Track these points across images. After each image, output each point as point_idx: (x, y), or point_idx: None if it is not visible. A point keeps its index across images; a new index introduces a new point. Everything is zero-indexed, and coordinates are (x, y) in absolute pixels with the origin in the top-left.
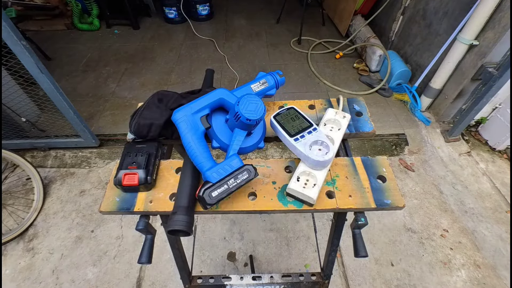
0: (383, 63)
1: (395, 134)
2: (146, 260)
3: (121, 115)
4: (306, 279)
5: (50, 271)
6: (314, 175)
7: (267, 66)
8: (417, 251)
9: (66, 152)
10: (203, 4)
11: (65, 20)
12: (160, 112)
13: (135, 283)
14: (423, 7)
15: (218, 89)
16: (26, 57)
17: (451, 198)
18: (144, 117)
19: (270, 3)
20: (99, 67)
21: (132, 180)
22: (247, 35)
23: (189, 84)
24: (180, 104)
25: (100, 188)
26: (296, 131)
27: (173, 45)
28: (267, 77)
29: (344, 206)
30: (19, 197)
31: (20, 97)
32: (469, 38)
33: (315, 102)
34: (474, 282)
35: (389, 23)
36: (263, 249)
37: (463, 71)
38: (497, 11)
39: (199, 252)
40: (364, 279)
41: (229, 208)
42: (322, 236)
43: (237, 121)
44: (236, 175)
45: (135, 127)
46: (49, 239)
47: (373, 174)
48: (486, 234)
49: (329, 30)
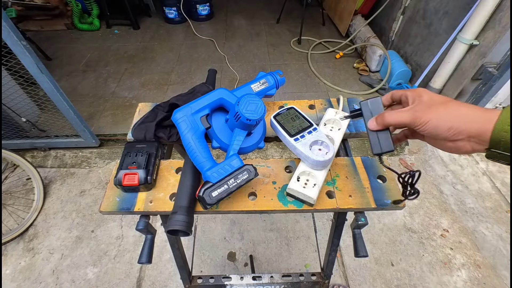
0: (383, 63)
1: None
2: (146, 260)
3: (121, 115)
4: (306, 279)
5: (50, 271)
6: (314, 175)
7: (267, 66)
8: (417, 251)
9: (66, 152)
10: (203, 4)
11: (65, 20)
12: (155, 115)
13: (135, 283)
14: (423, 7)
15: (218, 89)
16: (26, 57)
17: (451, 198)
18: (141, 120)
19: (270, 3)
20: (99, 67)
21: (132, 180)
22: (247, 35)
23: (189, 84)
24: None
25: (100, 188)
26: (296, 131)
27: (173, 45)
28: (267, 77)
29: (344, 206)
30: (19, 197)
31: (20, 97)
32: (469, 38)
33: (315, 102)
34: (474, 282)
35: (389, 23)
36: (263, 249)
37: (463, 71)
38: (497, 11)
39: (199, 252)
40: (364, 279)
41: (229, 208)
42: (322, 236)
43: (237, 121)
44: (236, 175)
45: (133, 130)
46: (49, 239)
47: (373, 174)
48: (486, 234)
49: (329, 30)
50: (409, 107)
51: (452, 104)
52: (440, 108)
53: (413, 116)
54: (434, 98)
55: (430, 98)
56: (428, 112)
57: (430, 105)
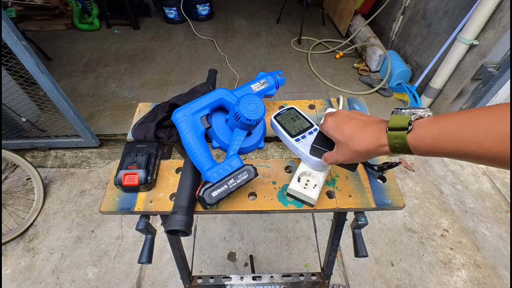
0: (383, 63)
1: None
2: (146, 260)
3: (121, 115)
4: (306, 279)
5: (50, 271)
6: (315, 175)
7: (267, 66)
8: (417, 251)
9: (66, 152)
10: (203, 4)
11: (65, 20)
12: (155, 115)
13: (135, 283)
14: (423, 7)
15: (218, 89)
16: (26, 57)
17: (451, 198)
18: (141, 120)
19: (270, 3)
20: (99, 67)
21: (132, 180)
22: (247, 35)
23: (189, 84)
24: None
25: (100, 188)
26: (297, 132)
27: (173, 45)
28: (267, 77)
29: (344, 206)
30: (19, 197)
31: (20, 97)
32: (469, 38)
33: (315, 102)
34: (474, 282)
35: (389, 23)
36: (263, 249)
37: (463, 71)
38: (497, 11)
39: (199, 252)
40: (364, 279)
41: (229, 208)
42: (322, 236)
43: (237, 121)
44: (236, 175)
45: (133, 130)
46: (49, 239)
47: (373, 174)
48: (486, 234)
49: (329, 30)
50: (334, 151)
51: (351, 141)
52: (345, 150)
53: (342, 159)
54: (337, 137)
55: (336, 140)
56: (342, 155)
57: (339, 146)
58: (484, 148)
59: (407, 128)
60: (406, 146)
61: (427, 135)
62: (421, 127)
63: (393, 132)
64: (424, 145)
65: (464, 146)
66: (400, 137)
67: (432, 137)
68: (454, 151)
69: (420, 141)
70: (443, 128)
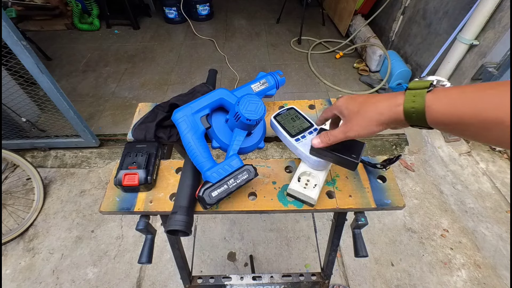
0: (383, 63)
1: (395, 134)
2: (146, 260)
3: (121, 115)
4: (306, 279)
5: (50, 271)
6: (315, 175)
7: (267, 66)
8: (417, 251)
9: (66, 152)
10: (203, 4)
11: (65, 20)
12: (155, 115)
13: (135, 283)
14: (423, 7)
15: (218, 89)
16: (26, 57)
17: (451, 198)
18: (141, 121)
19: (270, 3)
20: (99, 67)
21: (132, 180)
22: (247, 35)
23: (189, 84)
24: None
25: (100, 188)
26: (297, 132)
27: (173, 45)
28: (267, 77)
29: (344, 206)
30: (19, 197)
31: (20, 97)
32: (469, 38)
33: (315, 102)
34: (474, 282)
35: (389, 23)
36: (263, 249)
37: (463, 71)
38: (497, 10)
39: (199, 252)
40: (364, 279)
41: (229, 208)
42: (322, 236)
43: (237, 121)
44: (236, 175)
45: (133, 130)
46: (49, 239)
47: (373, 174)
48: (486, 234)
49: (329, 30)
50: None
51: (364, 108)
52: (358, 118)
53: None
54: (350, 108)
55: (348, 111)
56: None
57: (351, 118)
58: (504, 111)
59: (427, 87)
60: (422, 111)
61: (446, 96)
62: (441, 91)
63: (412, 91)
64: (441, 106)
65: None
66: (419, 95)
67: (451, 98)
68: (472, 116)
69: (439, 100)
70: (464, 91)
